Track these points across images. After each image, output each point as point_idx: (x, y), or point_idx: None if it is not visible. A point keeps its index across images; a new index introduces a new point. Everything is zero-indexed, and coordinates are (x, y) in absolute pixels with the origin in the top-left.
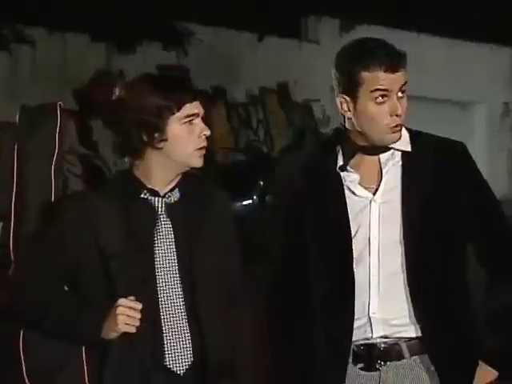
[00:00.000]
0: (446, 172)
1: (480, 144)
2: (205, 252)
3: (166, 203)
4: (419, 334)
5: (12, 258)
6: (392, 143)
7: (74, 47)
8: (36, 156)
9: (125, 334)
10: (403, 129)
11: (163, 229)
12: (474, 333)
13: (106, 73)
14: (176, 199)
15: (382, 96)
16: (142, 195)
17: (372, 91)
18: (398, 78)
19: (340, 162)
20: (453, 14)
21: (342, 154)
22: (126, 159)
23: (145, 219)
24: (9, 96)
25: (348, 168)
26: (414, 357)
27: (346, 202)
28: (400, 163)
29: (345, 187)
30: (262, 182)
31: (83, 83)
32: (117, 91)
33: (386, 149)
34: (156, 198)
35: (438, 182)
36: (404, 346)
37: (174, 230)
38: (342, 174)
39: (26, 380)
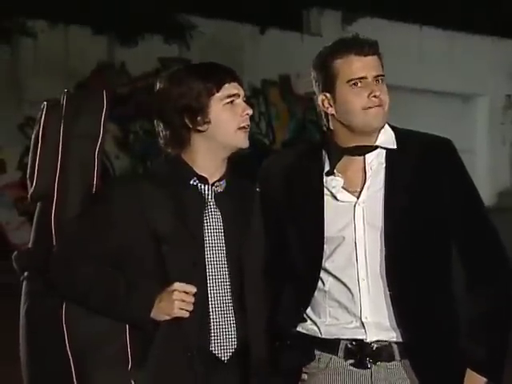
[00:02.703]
0: (430, 171)
1: (482, 137)
2: (253, 246)
3: (214, 192)
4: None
5: (54, 237)
6: (377, 125)
7: (75, 40)
8: (81, 139)
9: (175, 317)
10: (389, 128)
11: (212, 217)
12: (459, 339)
13: (107, 65)
14: (222, 190)
15: (359, 83)
16: (192, 182)
17: (348, 81)
18: (370, 62)
19: (327, 167)
20: (455, 7)
21: (328, 158)
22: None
23: (194, 206)
24: (11, 88)
25: (335, 172)
26: (405, 360)
27: (322, 209)
28: (384, 165)
29: (327, 193)
30: None
31: (85, 76)
32: (157, 84)
33: (370, 148)
34: (205, 186)
35: (422, 181)
36: (396, 347)
37: (223, 219)
38: (326, 178)
39: (70, 354)
